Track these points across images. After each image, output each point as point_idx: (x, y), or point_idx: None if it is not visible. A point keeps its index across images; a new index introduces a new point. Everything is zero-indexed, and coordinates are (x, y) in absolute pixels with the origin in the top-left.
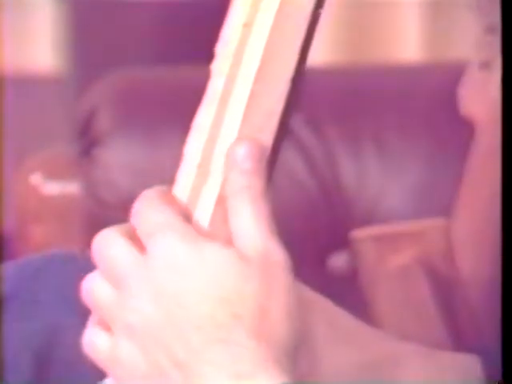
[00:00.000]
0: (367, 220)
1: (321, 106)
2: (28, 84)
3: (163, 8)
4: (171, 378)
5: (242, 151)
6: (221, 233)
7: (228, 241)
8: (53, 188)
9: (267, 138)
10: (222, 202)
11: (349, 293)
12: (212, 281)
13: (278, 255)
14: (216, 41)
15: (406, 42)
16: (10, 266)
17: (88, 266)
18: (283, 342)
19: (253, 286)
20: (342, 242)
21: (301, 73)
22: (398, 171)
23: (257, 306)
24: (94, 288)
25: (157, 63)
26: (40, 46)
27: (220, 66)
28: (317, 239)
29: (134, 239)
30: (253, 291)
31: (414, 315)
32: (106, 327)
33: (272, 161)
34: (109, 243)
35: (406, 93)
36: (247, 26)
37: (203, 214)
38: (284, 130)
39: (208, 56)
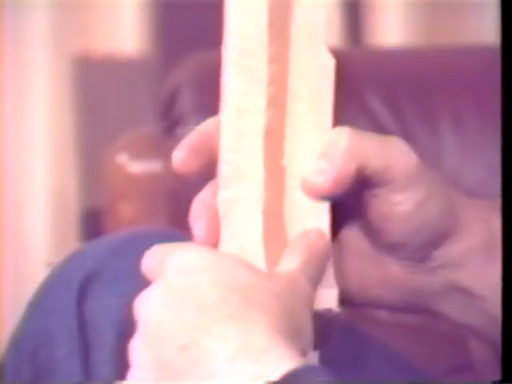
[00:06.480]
0: None
1: (398, 84)
2: (113, 65)
3: None
4: (174, 366)
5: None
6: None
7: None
8: (138, 167)
9: None
10: None
11: None
12: (224, 273)
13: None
14: None
15: (483, 24)
16: (93, 245)
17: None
18: (296, 323)
19: (263, 279)
20: None
21: None
22: (476, 149)
23: (270, 294)
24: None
25: None
26: (125, 29)
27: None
28: None
29: None
30: (265, 283)
31: None
32: None
33: None
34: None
35: (484, 72)
36: None
37: None
38: None
39: None
